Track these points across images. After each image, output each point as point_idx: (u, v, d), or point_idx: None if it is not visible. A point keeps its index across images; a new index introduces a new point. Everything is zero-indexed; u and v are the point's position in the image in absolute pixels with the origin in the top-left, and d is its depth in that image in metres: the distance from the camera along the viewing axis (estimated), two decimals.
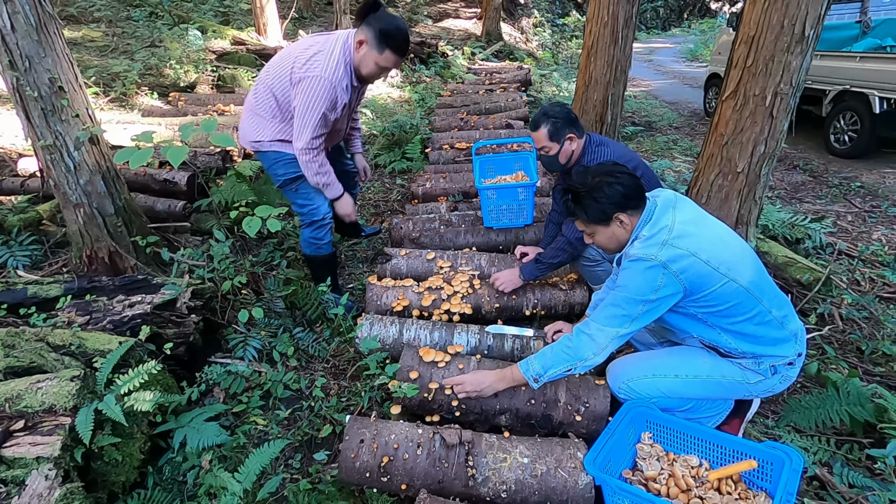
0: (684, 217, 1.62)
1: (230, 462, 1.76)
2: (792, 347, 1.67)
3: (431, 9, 13.83)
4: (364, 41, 2.08)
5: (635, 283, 1.58)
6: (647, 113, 7.99)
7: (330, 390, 2.15)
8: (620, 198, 1.62)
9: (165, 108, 4.93)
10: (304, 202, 2.40)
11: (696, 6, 22.21)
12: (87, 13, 7.67)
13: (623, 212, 1.63)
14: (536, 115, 2.35)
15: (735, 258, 1.59)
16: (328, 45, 2.11)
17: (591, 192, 1.65)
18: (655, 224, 1.61)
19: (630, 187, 1.63)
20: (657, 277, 1.54)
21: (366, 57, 2.11)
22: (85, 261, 2.54)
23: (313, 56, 2.09)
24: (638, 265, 1.57)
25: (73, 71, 2.36)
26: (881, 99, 4.96)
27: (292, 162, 2.31)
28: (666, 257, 1.53)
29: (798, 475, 1.43)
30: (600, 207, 1.64)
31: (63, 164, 2.36)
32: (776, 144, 2.57)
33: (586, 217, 1.68)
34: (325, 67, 2.06)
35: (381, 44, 2.06)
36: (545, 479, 1.56)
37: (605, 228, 1.68)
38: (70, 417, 1.53)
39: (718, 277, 1.55)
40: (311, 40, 2.19)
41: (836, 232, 3.85)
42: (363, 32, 2.07)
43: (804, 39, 2.31)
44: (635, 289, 1.58)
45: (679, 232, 1.56)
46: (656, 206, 1.65)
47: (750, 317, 1.61)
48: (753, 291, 1.59)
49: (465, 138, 4.58)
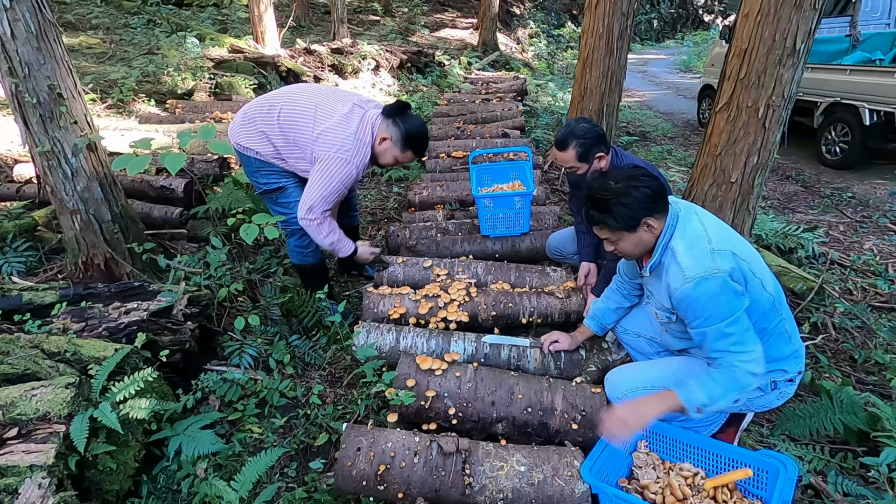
0: (710, 223, 1.61)
1: (225, 470, 1.75)
2: (796, 363, 1.67)
3: (428, 19, 13.96)
4: (389, 139, 2.23)
5: (719, 304, 1.48)
6: (642, 123, 8.07)
7: (326, 398, 2.14)
8: (648, 201, 1.56)
9: (163, 115, 4.94)
10: (284, 211, 2.39)
11: (690, 18, 22.52)
12: (85, 20, 7.70)
13: (651, 216, 1.58)
14: (563, 135, 2.24)
15: (762, 264, 1.60)
16: (360, 128, 2.21)
17: (619, 198, 1.57)
18: (684, 232, 1.57)
19: (656, 190, 1.58)
20: (732, 285, 1.49)
21: (388, 151, 2.27)
22: (81, 267, 2.53)
23: (346, 137, 2.17)
24: (707, 285, 1.48)
25: (73, 78, 2.37)
26: (871, 111, 5.03)
27: (276, 173, 2.32)
28: (722, 265, 1.49)
29: (793, 483, 1.44)
30: (629, 213, 1.56)
31: (60, 170, 2.36)
32: (769, 155, 2.60)
33: (616, 224, 1.58)
34: (355, 152, 2.18)
35: (405, 145, 2.26)
36: (542, 487, 1.56)
37: (632, 235, 1.60)
38: (64, 425, 1.52)
39: (756, 283, 1.55)
40: (348, 112, 2.22)
41: (829, 242, 3.89)
42: (390, 131, 2.23)
43: (795, 53, 2.35)
44: (723, 310, 1.49)
45: (716, 236, 1.55)
46: (680, 211, 1.62)
47: (769, 327, 1.60)
48: (777, 300, 1.59)
49: (461, 147, 4.61)
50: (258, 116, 2.27)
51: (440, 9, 15.32)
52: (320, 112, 2.21)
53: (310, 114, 2.21)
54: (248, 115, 2.31)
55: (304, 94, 2.31)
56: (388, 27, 12.14)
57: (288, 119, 2.22)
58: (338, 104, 2.24)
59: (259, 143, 2.27)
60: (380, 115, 2.26)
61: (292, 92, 2.36)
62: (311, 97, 2.26)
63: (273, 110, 2.25)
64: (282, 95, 2.33)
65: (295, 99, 2.27)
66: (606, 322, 2.06)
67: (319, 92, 2.33)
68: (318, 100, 2.25)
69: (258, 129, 2.26)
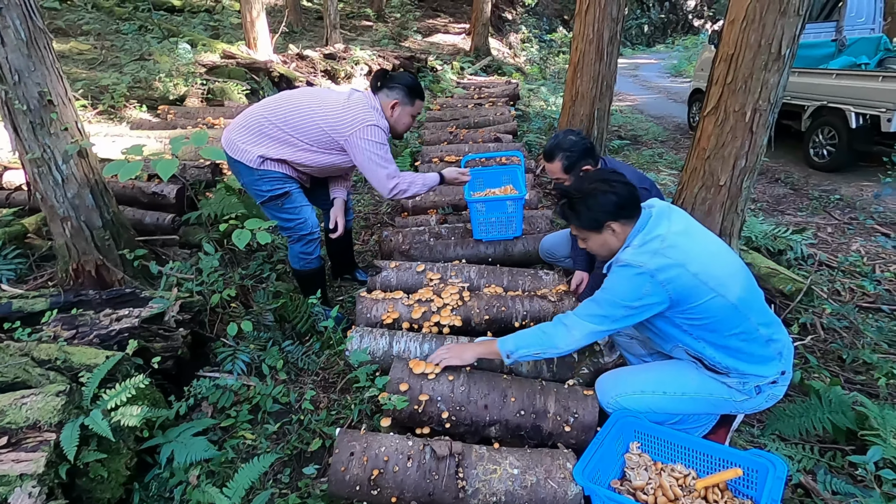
0: (677, 228, 1.63)
1: (218, 477, 1.75)
2: (775, 366, 1.68)
3: (421, 24, 14.02)
4: (397, 102, 2.35)
5: (621, 287, 1.61)
6: (633, 127, 8.14)
7: (319, 403, 2.14)
8: (613, 206, 1.62)
9: (154, 121, 4.92)
10: (290, 217, 2.40)
11: (680, 23, 22.78)
12: (76, 26, 7.66)
13: (615, 221, 1.63)
14: (551, 147, 2.32)
15: (725, 273, 1.60)
16: (367, 100, 2.33)
17: (585, 199, 1.65)
18: (649, 233, 1.61)
19: (624, 196, 1.63)
20: (643, 285, 1.56)
21: (402, 114, 2.39)
22: (71, 274, 2.51)
23: (362, 111, 2.27)
24: (626, 271, 1.59)
25: (63, 84, 2.36)
26: (856, 114, 5.11)
27: (279, 179, 2.33)
28: (655, 266, 1.54)
29: (782, 482, 1.45)
30: (592, 215, 1.64)
31: (51, 177, 2.35)
32: (756, 158, 2.64)
33: (579, 223, 1.70)
34: (376, 116, 2.30)
35: (412, 97, 2.38)
36: (535, 490, 1.56)
37: (598, 235, 1.69)
38: (55, 433, 1.51)
39: (706, 291, 1.56)
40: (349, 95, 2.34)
41: (817, 243, 3.94)
42: (393, 95, 2.35)
43: (781, 58, 2.39)
44: (620, 293, 1.61)
45: (671, 242, 1.58)
46: (650, 217, 1.66)
47: (736, 332, 1.62)
48: (741, 308, 1.59)
49: (454, 152, 4.63)
50: (260, 121, 2.29)
51: (432, 14, 15.40)
52: (326, 103, 2.29)
53: (314, 106, 2.28)
54: (246, 124, 2.31)
55: (301, 94, 2.40)
56: (380, 32, 12.18)
57: (293, 118, 2.26)
58: (335, 95, 2.37)
59: (269, 148, 2.28)
60: (371, 93, 2.37)
61: (290, 95, 2.41)
62: (312, 95, 2.37)
63: (275, 112, 2.29)
64: (279, 99, 2.37)
65: (295, 99, 2.34)
66: None
67: (316, 90, 2.46)
68: (318, 95, 2.37)
69: (263, 132, 2.28)
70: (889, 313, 2.94)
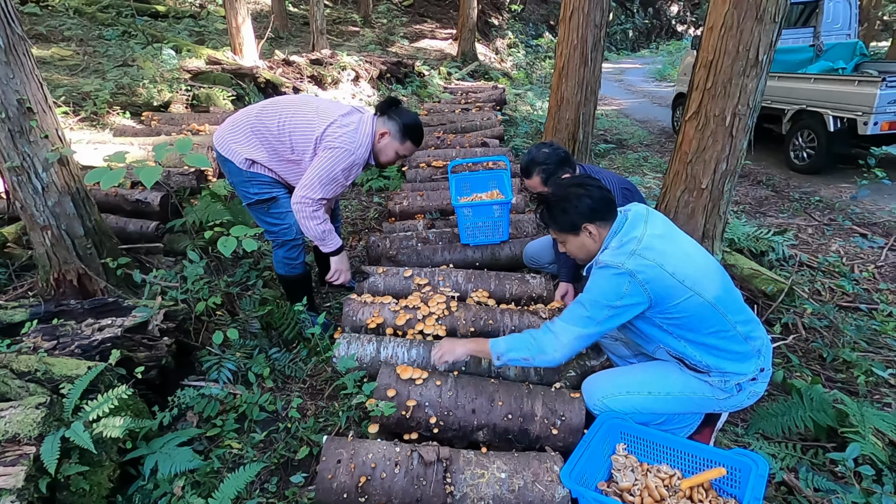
0: (654, 231, 1.68)
1: (204, 488, 1.72)
2: (754, 364, 1.72)
3: (408, 29, 14.08)
4: (387, 133, 2.31)
5: (602, 288, 1.64)
6: (619, 131, 8.24)
7: (307, 411, 2.12)
8: (588, 210, 1.69)
9: (138, 128, 4.87)
10: (275, 221, 2.39)
11: (664, 29, 23.13)
12: (57, 32, 7.56)
13: (591, 223, 1.70)
14: (526, 162, 2.36)
15: (700, 273, 1.65)
16: (361, 125, 2.29)
17: (561, 203, 1.72)
18: (625, 235, 1.67)
19: (599, 200, 1.70)
20: (623, 285, 1.60)
21: (388, 146, 2.34)
22: (52, 284, 2.47)
23: (349, 132, 2.24)
24: (606, 272, 1.63)
25: (43, 92, 2.33)
26: (834, 118, 5.23)
27: (268, 184, 2.32)
28: (633, 266, 1.58)
29: (764, 480, 1.48)
30: (569, 218, 1.71)
31: (31, 185, 2.31)
32: (737, 162, 2.69)
33: (556, 226, 1.76)
34: (357, 144, 2.25)
35: (404, 136, 2.33)
36: (522, 493, 1.57)
37: (575, 238, 1.75)
38: (35, 446, 1.48)
39: (683, 290, 1.60)
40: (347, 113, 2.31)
41: (798, 244, 4.02)
42: (387, 125, 2.31)
43: (758, 64, 2.45)
44: (601, 293, 1.64)
45: (647, 244, 1.62)
46: (626, 220, 1.71)
47: (714, 331, 1.66)
48: (718, 306, 1.64)
49: (441, 156, 4.65)
50: (255, 122, 2.28)
51: (419, 20, 15.47)
52: (321, 114, 2.27)
53: (309, 116, 2.26)
54: (239, 124, 2.31)
55: (300, 101, 2.37)
56: (367, 38, 12.19)
57: (289, 123, 2.25)
58: (336, 108, 2.33)
59: (254, 150, 2.27)
60: (372, 115, 2.34)
61: (287, 100, 2.40)
62: (309, 104, 2.34)
63: (271, 116, 2.27)
64: (277, 103, 2.36)
65: (292, 106, 2.32)
66: None
67: (315, 100, 2.40)
68: (316, 105, 2.33)
69: (255, 134, 2.27)
70: (867, 312, 3.00)
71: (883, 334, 2.75)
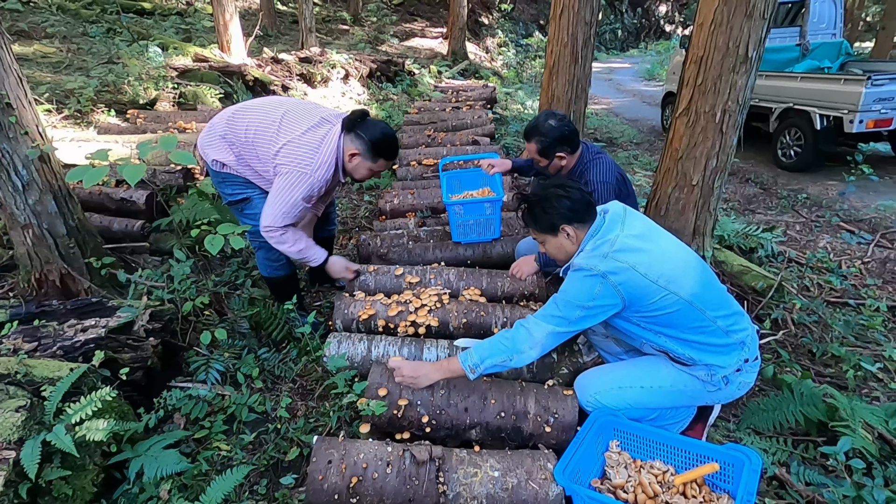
0: (630, 231, 1.68)
1: (191, 491, 1.69)
2: (737, 356, 1.73)
3: (398, 28, 14.02)
4: (357, 153, 2.18)
5: (575, 289, 1.67)
6: (609, 130, 8.27)
7: (297, 411, 2.09)
8: (567, 211, 1.71)
9: (123, 126, 4.78)
10: (252, 222, 2.33)
11: (653, 28, 23.29)
12: (40, 28, 7.41)
13: (569, 224, 1.72)
14: (530, 127, 2.39)
15: (677, 272, 1.65)
16: (324, 143, 2.14)
17: (541, 203, 1.74)
18: (601, 237, 1.68)
19: (578, 202, 1.72)
20: (595, 286, 1.62)
21: (359, 166, 2.23)
22: (34, 284, 2.42)
23: (305, 152, 2.12)
24: (579, 274, 1.66)
25: (23, 87, 2.28)
26: (821, 116, 5.30)
27: (240, 184, 2.29)
28: (605, 269, 1.60)
29: (757, 475, 1.48)
30: (548, 219, 1.74)
31: (10, 183, 2.26)
32: (727, 158, 2.70)
33: (536, 226, 1.79)
34: (315, 166, 2.11)
35: (375, 154, 2.20)
36: (516, 491, 1.56)
37: (554, 238, 1.78)
38: (15, 451, 1.43)
39: (657, 290, 1.61)
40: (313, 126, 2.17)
41: (786, 241, 4.05)
42: (355, 144, 2.17)
43: (748, 60, 2.46)
44: (574, 294, 1.66)
45: (621, 246, 1.63)
46: (604, 222, 1.73)
47: (693, 327, 1.67)
48: (695, 303, 1.64)
49: (432, 155, 4.63)
50: (224, 128, 2.23)
51: (409, 18, 15.42)
52: (285, 125, 2.15)
53: (273, 127, 2.15)
54: (214, 127, 2.26)
55: (271, 106, 2.25)
56: (357, 36, 12.12)
57: (253, 131, 2.18)
58: (305, 118, 2.19)
59: (223, 154, 2.23)
60: (339, 132, 2.18)
61: (260, 104, 2.32)
62: (279, 109, 2.21)
63: (240, 122, 2.21)
64: (249, 107, 2.28)
65: (262, 111, 2.22)
66: None
67: (288, 105, 2.26)
68: (284, 111, 2.20)
69: (223, 139, 2.22)
70: (855, 307, 3.03)
71: (870, 329, 2.78)
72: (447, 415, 1.82)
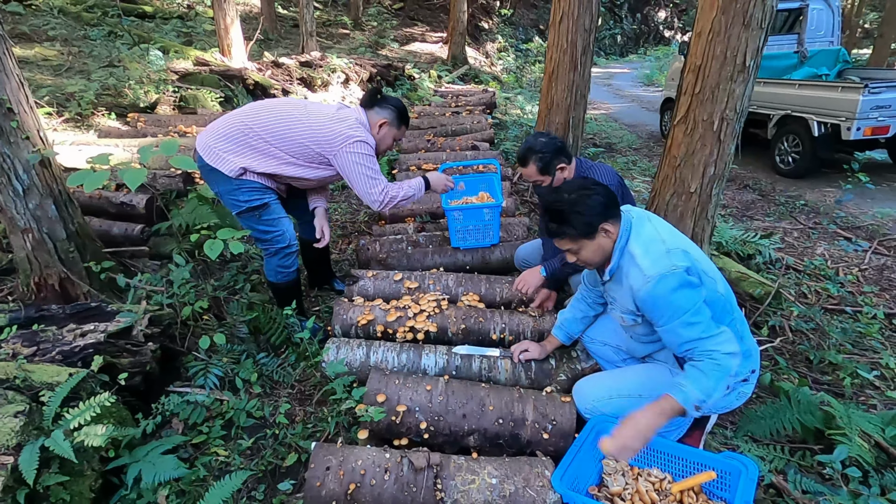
0: (662, 227, 1.69)
1: (189, 497, 1.69)
2: (747, 363, 1.73)
3: (398, 33, 14.07)
4: (385, 122, 2.38)
5: (680, 299, 1.54)
6: (608, 135, 8.30)
7: (295, 417, 2.09)
8: (602, 207, 1.63)
9: (124, 130, 4.79)
10: (268, 229, 2.34)
11: (652, 34, 23.38)
12: (41, 31, 7.43)
13: (607, 220, 1.64)
14: (523, 151, 2.32)
15: (710, 266, 1.67)
16: (356, 115, 2.34)
17: (574, 207, 1.63)
18: (639, 236, 1.64)
19: (608, 196, 1.66)
20: (689, 279, 1.56)
21: (387, 134, 2.42)
22: (33, 288, 2.42)
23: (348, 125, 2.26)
24: (666, 282, 1.54)
25: (24, 91, 2.28)
26: (819, 123, 5.32)
27: (258, 190, 2.27)
28: (680, 263, 1.57)
29: (754, 483, 1.48)
30: (586, 220, 1.62)
31: (11, 187, 2.26)
32: (725, 166, 2.71)
33: (574, 232, 1.64)
34: (362, 130, 2.30)
35: (400, 121, 2.43)
36: (514, 499, 1.56)
37: (591, 241, 1.66)
38: (13, 456, 1.43)
39: (708, 280, 1.63)
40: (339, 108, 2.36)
41: (784, 247, 4.07)
42: (383, 114, 2.38)
43: (746, 69, 2.47)
44: (685, 301, 1.55)
45: (671, 243, 1.63)
46: (633, 218, 1.70)
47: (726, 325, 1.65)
48: (728, 301, 1.67)
49: (431, 160, 4.64)
50: (245, 129, 2.21)
51: (409, 23, 15.47)
52: (313, 116, 2.26)
53: (301, 118, 2.24)
54: (231, 130, 2.23)
55: (287, 104, 2.35)
56: (357, 41, 12.17)
57: (280, 126, 2.22)
58: (324, 108, 2.36)
59: (245, 158, 2.21)
60: (360, 108, 2.39)
61: (274, 104, 2.37)
62: (298, 107, 2.32)
63: (261, 121, 2.22)
64: (265, 108, 2.30)
65: (281, 108, 2.28)
66: (573, 331, 2.10)
67: (300, 101, 2.40)
68: (305, 107, 2.33)
69: (248, 143, 2.21)
70: (852, 314, 3.04)
71: (867, 336, 2.79)
72: (445, 421, 1.83)
